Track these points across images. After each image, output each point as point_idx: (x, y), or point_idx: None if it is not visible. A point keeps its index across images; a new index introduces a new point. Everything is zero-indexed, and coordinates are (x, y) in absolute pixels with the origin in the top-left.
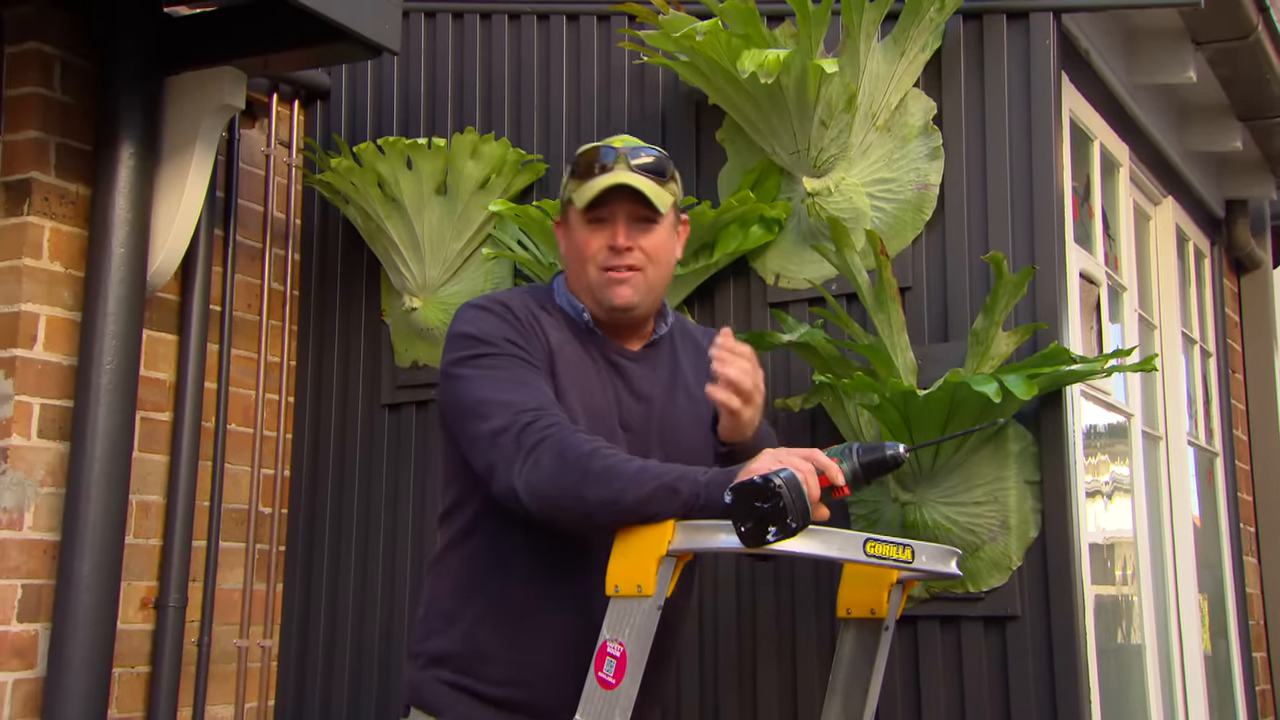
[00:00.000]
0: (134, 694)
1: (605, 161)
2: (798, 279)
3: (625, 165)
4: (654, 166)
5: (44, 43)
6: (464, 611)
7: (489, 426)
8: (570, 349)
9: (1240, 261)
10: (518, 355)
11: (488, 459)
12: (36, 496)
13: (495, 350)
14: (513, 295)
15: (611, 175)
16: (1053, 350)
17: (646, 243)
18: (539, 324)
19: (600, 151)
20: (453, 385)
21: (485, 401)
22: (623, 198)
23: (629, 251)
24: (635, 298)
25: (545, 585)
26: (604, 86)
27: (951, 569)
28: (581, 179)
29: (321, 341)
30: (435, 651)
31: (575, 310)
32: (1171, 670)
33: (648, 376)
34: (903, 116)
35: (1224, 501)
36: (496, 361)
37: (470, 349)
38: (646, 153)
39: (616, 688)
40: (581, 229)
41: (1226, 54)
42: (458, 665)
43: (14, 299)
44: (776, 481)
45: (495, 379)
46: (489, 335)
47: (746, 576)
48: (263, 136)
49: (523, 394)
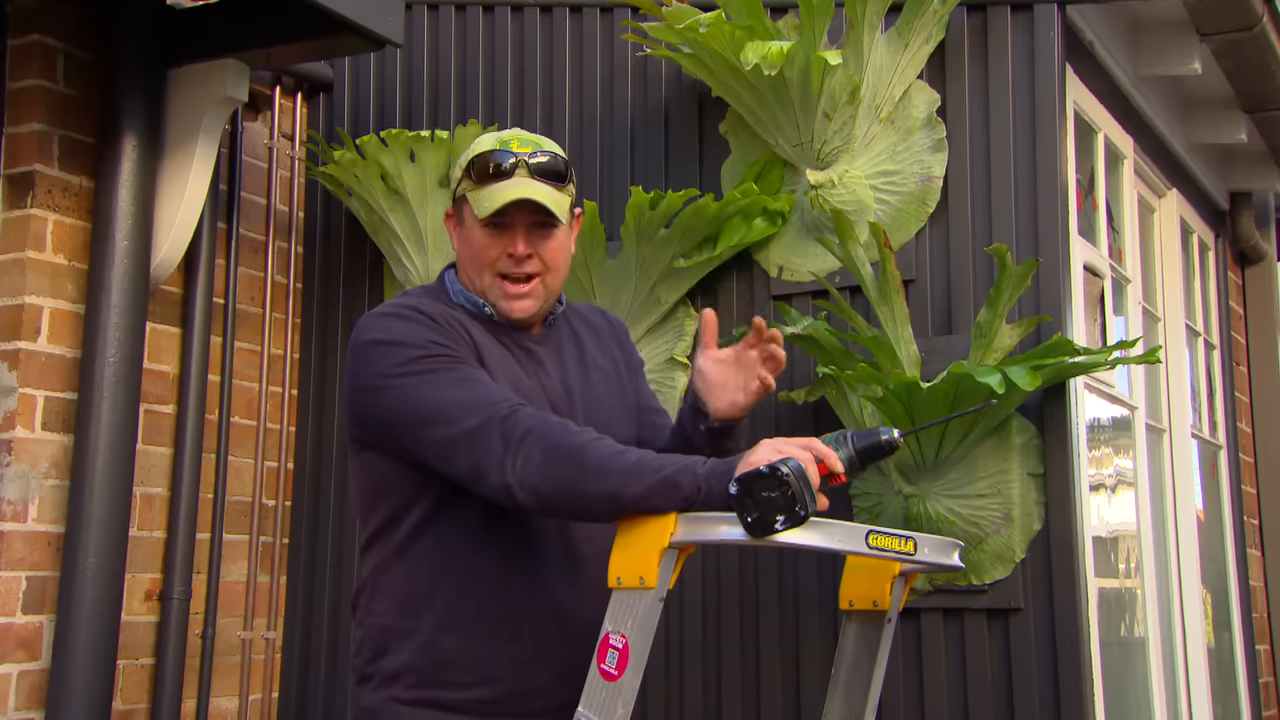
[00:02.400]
0: (138, 686)
1: (503, 165)
2: (801, 271)
3: (525, 171)
4: (552, 170)
5: (47, 35)
6: (418, 624)
7: (462, 428)
8: (488, 342)
9: (1244, 254)
10: (448, 354)
11: (470, 461)
12: (41, 489)
13: (425, 353)
14: (415, 299)
15: (512, 185)
16: (1056, 342)
17: (545, 250)
18: (457, 321)
19: (498, 154)
20: (390, 396)
21: (446, 404)
22: (522, 206)
23: (528, 259)
24: (534, 308)
25: (502, 579)
26: (607, 79)
27: (954, 561)
28: (479, 182)
29: (324, 334)
30: (391, 669)
31: (476, 305)
32: (1175, 663)
33: (558, 358)
34: (906, 109)
35: (1227, 494)
36: (433, 364)
37: (397, 356)
38: (544, 154)
39: (619, 680)
40: (478, 232)
41: (1231, 45)
42: (419, 678)
43: (18, 291)
44: (784, 470)
45: (443, 381)
46: (413, 339)
47: (749, 569)
48: (266, 129)
49: (482, 390)
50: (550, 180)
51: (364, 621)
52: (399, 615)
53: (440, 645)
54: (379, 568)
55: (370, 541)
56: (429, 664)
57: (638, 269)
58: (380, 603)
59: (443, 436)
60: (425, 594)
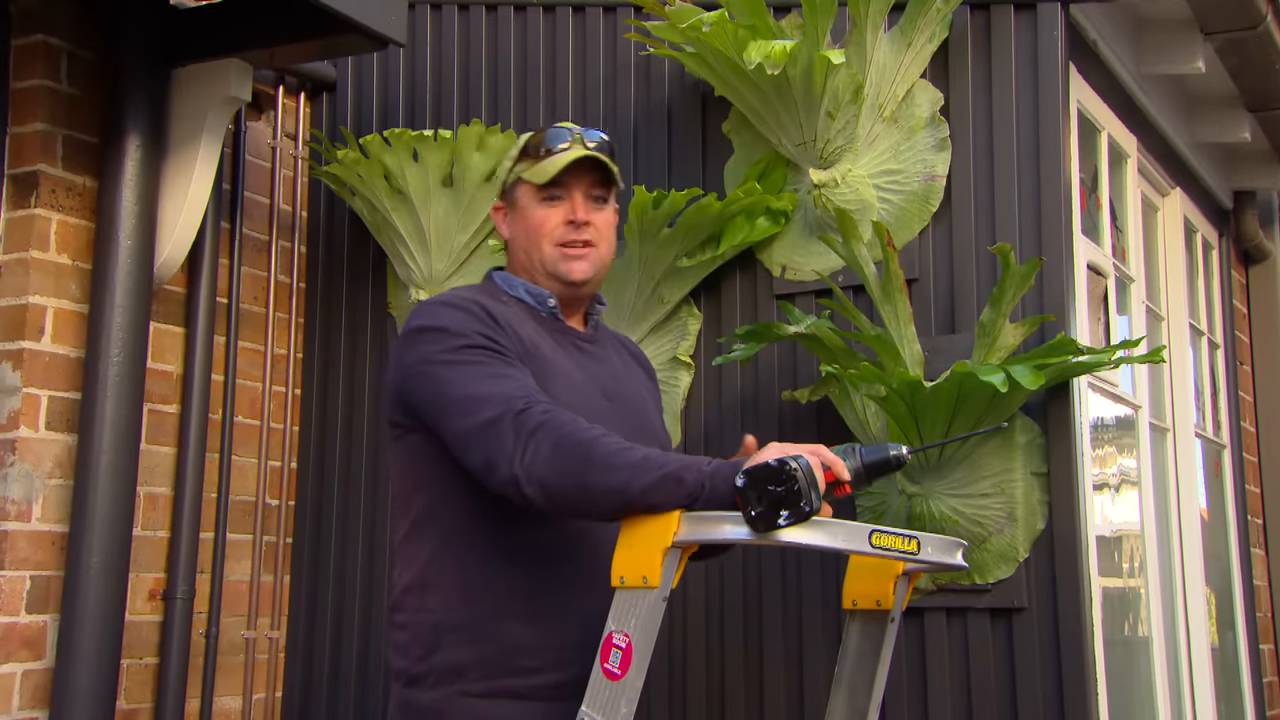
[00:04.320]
0: (142, 685)
1: (561, 143)
2: (804, 270)
3: (581, 144)
4: (607, 147)
5: (51, 35)
6: (481, 614)
7: (480, 419)
8: (542, 339)
9: (1248, 253)
10: (492, 348)
11: (484, 453)
12: (45, 488)
13: (470, 344)
14: (473, 292)
15: (573, 151)
16: (1060, 341)
17: (599, 219)
18: (513, 318)
19: (554, 133)
20: (429, 382)
21: (471, 397)
22: (580, 173)
23: (586, 226)
24: (590, 272)
25: (560, 561)
26: (610, 78)
27: (957, 561)
28: (536, 159)
29: (328, 334)
30: (452, 664)
31: (539, 298)
32: (1179, 662)
33: (607, 359)
34: (910, 108)
35: (1231, 493)
36: (472, 355)
37: (443, 343)
38: (595, 134)
39: (622, 679)
40: (535, 207)
41: (1235, 44)
42: (489, 669)
43: (22, 291)
44: (792, 465)
45: (477, 373)
46: (461, 329)
47: (753, 568)
48: (269, 129)
49: (508, 385)
50: (605, 154)
51: (410, 621)
52: (457, 609)
53: (509, 633)
54: (429, 564)
55: (411, 533)
56: (498, 654)
57: (641, 268)
58: (433, 598)
59: (460, 428)
60: (485, 584)
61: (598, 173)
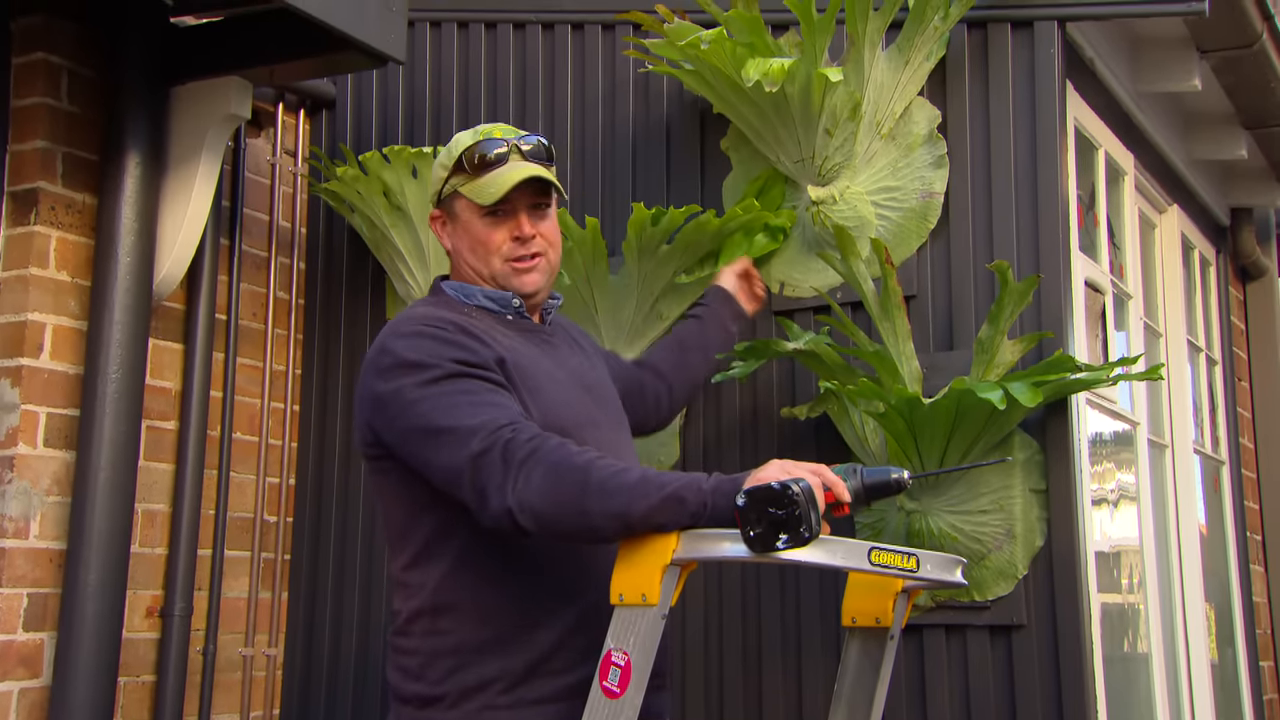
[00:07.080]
0: (139, 703)
1: (496, 153)
2: (803, 287)
3: (518, 155)
4: (543, 152)
5: (51, 53)
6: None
7: (466, 453)
8: (515, 342)
9: (1245, 269)
10: (470, 374)
11: (475, 486)
12: (42, 505)
13: (446, 373)
14: (435, 310)
15: (510, 169)
16: (1058, 358)
17: (544, 228)
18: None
19: (487, 144)
20: (411, 417)
21: (457, 429)
22: (522, 187)
23: (533, 239)
24: (543, 281)
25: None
26: (609, 95)
27: (957, 578)
28: (474, 174)
29: (327, 350)
30: (475, 681)
31: (502, 300)
32: (1178, 679)
33: (570, 350)
34: (907, 125)
35: (1230, 510)
36: (453, 385)
37: (418, 375)
38: (530, 139)
39: (621, 697)
40: (478, 224)
41: (1231, 62)
42: (515, 680)
43: (21, 308)
44: (794, 489)
45: (459, 404)
46: (436, 359)
47: (751, 585)
48: (268, 146)
49: (494, 414)
50: (542, 161)
51: (422, 646)
52: (481, 627)
53: (537, 641)
54: (440, 588)
55: (416, 561)
56: (528, 663)
57: (639, 285)
58: (447, 620)
59: (447, 463)
60: (507, 597)
61: (538, 182)
